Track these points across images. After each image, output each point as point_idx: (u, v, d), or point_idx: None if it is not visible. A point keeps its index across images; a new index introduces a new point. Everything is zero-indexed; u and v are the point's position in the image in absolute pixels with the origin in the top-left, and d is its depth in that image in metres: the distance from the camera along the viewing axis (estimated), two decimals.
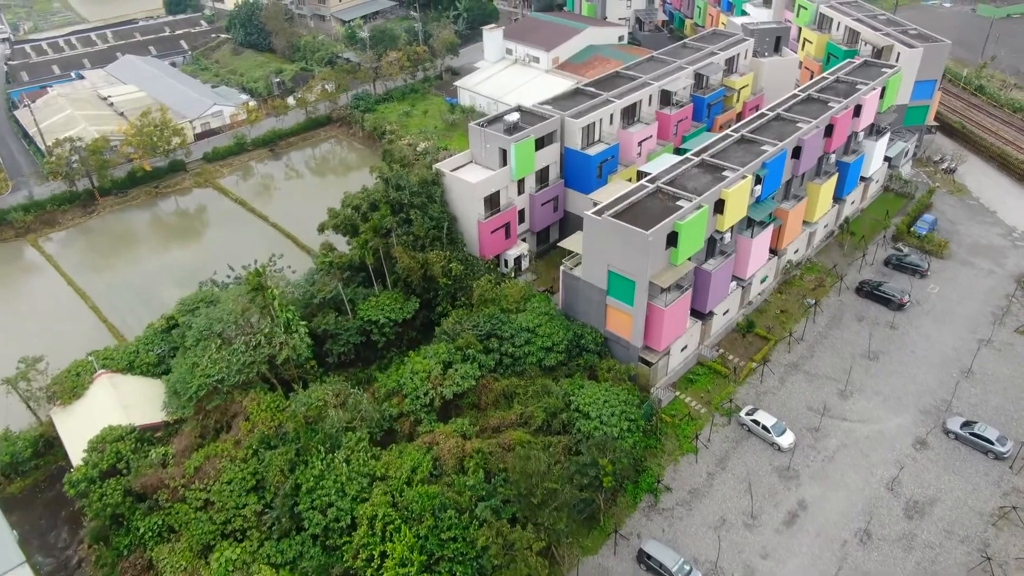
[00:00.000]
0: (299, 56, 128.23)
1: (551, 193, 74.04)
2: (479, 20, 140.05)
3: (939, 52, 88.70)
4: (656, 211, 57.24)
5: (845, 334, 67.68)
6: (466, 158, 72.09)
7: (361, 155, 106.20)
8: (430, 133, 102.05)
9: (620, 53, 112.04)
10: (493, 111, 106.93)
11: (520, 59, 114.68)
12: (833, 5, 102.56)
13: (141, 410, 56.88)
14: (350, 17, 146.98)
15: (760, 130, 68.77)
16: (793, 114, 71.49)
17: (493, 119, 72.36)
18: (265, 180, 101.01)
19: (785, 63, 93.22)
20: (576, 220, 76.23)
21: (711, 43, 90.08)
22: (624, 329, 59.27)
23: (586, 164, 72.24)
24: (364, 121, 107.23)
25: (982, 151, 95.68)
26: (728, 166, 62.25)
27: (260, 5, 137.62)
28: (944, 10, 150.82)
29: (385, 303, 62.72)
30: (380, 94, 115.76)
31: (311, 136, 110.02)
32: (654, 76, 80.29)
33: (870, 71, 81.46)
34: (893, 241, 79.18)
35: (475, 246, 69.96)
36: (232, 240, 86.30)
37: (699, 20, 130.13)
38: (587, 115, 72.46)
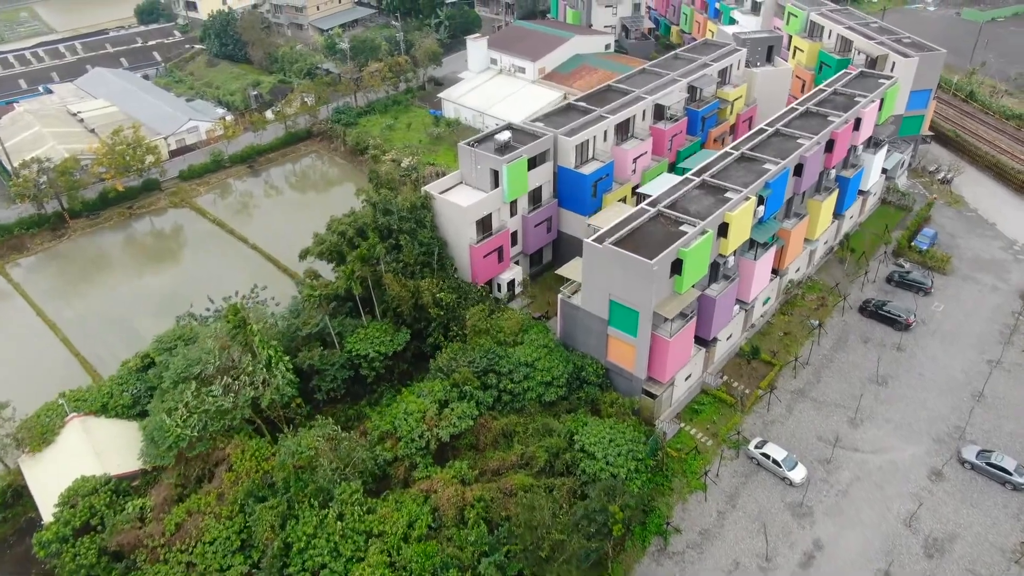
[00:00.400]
0: (277, 67, 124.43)
1: (544, 214, 71.29)
2: (461, 28, 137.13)
3: (934, 61, 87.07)
4: (659, 237, 54.70)
5: (851, 357, 65.56)
6: (455, 179, 69.16)
7: (343, 170, 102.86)
8: (415, 148, 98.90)
9: (607, 62, 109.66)
10: (479, 124, 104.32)
11: (505, 69, 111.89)
12: (824, 13, 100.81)
13: (116, 457, 53.36)
14: (328, 26, 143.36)
15: (760, 147, 66.50)
16: (793, 129, 69.31)
17: (483, 138, 69.49)
18: (244, 198, 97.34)
19: (778, 73, 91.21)
20: (570, 241, 73.77)
21: (703, 54, 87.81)
22: (627, 360, 56.66)
23: (580, 183, 69.57)
24: (346, 136, 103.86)
25: (976, 160, 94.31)
26: (730, 187, 59.87)
27: (236, 15, 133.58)
28: (929, 14, 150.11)
29: (374, 335, 59.61)
30: (361, 106, 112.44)
31: (291, 151, 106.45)
32: (647, 90, 77.81)
33: (867, 82, 79.59)
34: (894, 257, 77.30)
35: (467, 271, 67.06)
36: (210, 264, 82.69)
37: (686, 27, 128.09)
38: (580, 133, 69.79)
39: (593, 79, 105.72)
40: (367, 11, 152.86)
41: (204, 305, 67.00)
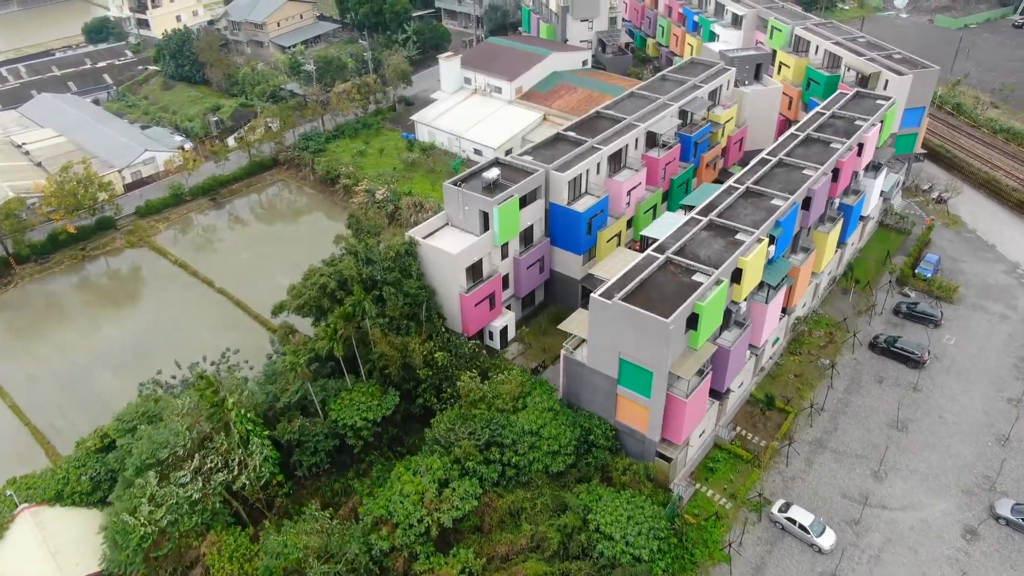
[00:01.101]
0: (237, 89, 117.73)
1: (537, 254, 66.62)
2: (430, 43, 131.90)
3: (928, 78, 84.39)
4: (670, 289, 50.38)
5: (867, 400, 62.05)
6: (441, 220, 64.13)
7: (313, 200, 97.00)
8: (389, 176, 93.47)
9: (586, 80, 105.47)
10: (455, 148, 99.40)
11: (480, 89, 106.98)
12: (808, 27, 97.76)
13: (74, 555, 47.41)
14: (290, 43, 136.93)
15: (765, 180, 62.67)
16: (796, 159, 65.65)
17: (469, 175, 64.58)
18: (208, 235, 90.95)
19: (768, 92, 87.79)
20: (563, 280, 69.36)
21: (691, 74, 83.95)
22: (639, 421, 52.24)
23: (575, 221, 65.05)
24: (315, 164, 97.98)
25: (969, 177, 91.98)
26: (740, 228, 55.83)
27: (192, 34, 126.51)
28: (902, 21, 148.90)
29: (360, 400, 54.32)
30: (329, 131, 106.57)
31: (256, 181, 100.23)
32: (638, 116, 73.59)
33: (865, 103, 76.43)
34: (899, 286, 74.20)
35: (457, 321, 62.11)
36: (174, 312, 76.44)
37: (663, 40, 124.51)
38: (573, 167, 65.26)
39: (573, 98, 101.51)
40: (330, 26, 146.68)
41: (169, 367, 61.17)
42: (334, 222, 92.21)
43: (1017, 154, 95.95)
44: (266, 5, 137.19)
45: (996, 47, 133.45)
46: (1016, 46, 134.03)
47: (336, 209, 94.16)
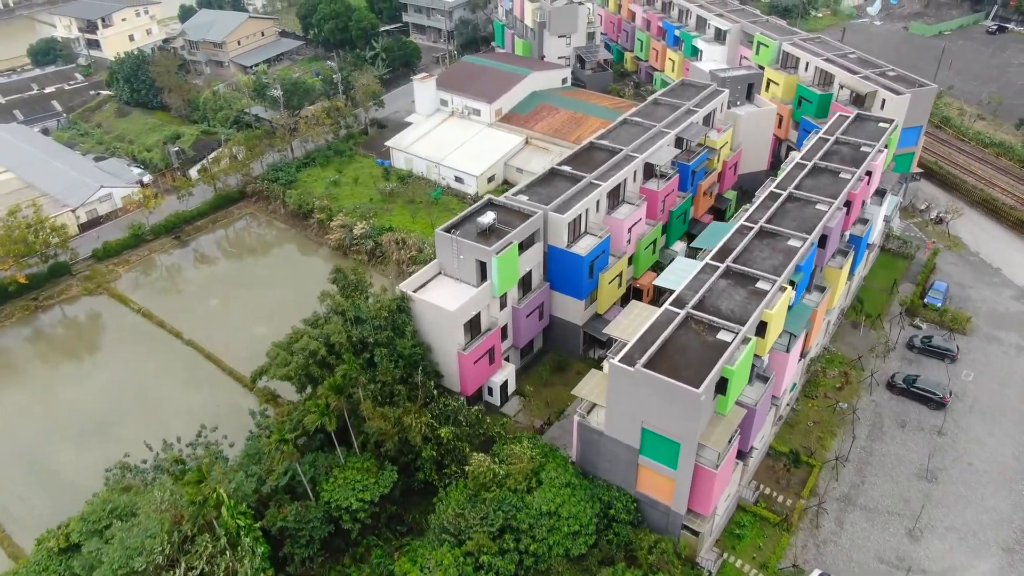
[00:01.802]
0: (199, 115, 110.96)
1: (536, 301, 62.08)
2: (400, 60, 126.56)
3: (926, 97, 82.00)
4: (694, 349, 46.21)
5: (891, 447, 58.70)
6: (433, 269, 59.18)
7: (285, 236, 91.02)
8: (366, 209, 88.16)
9: (567, 100, 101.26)
10: (433, 175, 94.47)
11: (458, 111, 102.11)
12: (796, 43, 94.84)
13: None
14: (252, 62, 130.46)
15: (777, 217, 58.94)
16: (806, 191, 62.10)
17: (462, 220, 59.75)
18: (173, 278, 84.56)
19: (763, 114, 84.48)
20: (563, 326, 64.97)
21: (683, 97, 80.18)
22: (663, 493, 48.00)
23: (576, 265, 60.68)
24: (286, 196, 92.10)
25: (965, 195, 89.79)
26: (760, 275, 51.92)
27: (147, 55, 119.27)
28: (876, 29, 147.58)
29: (355, 477, 49.19)
30: (299, 158, 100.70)
31: (223, 216, 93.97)
32: (635, 147, 69.52)
33: (866, 126, 73.39)
34: (909, 317, 71.24)
35: (455, 379, 57.29)
36: (139, 370, 70.21)
37: (641, 54, 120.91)
38: (572, 207, 60.86)
39: (555, 120, 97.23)
40: (293, 43, 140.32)
41: (137, 435, 55.55)
42: (308, 257, 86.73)
43: (1010, 169, 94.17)
44: (225, 23, 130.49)
45: (973, 55, 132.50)
46: (992, 54, 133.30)
47: (310, 244, 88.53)
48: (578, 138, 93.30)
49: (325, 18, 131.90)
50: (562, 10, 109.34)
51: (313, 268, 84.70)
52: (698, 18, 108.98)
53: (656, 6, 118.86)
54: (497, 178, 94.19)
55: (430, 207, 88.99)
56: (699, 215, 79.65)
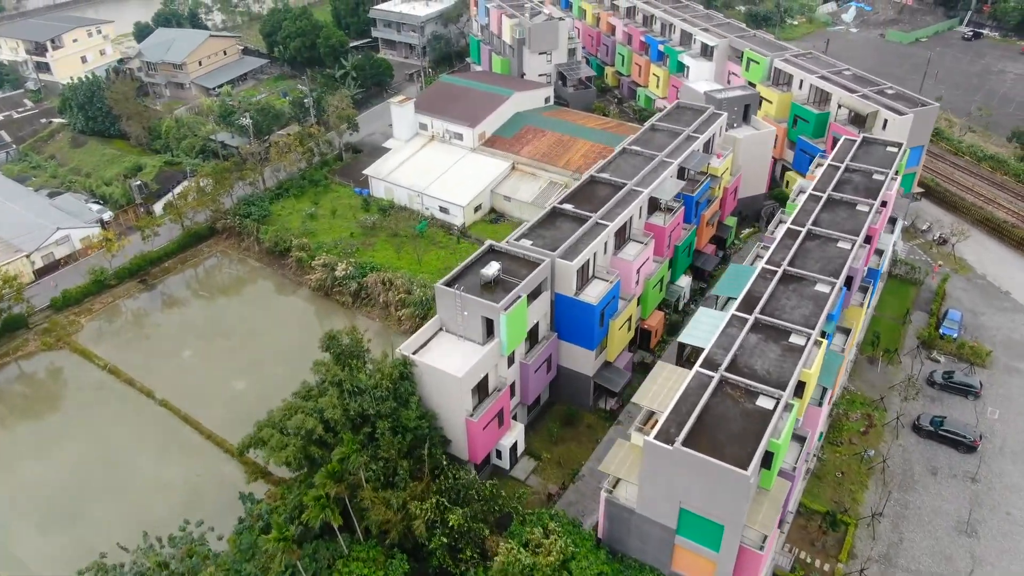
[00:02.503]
0: (161, 144, 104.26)
1: (544, 354, 57.64)
2: (371, 78, 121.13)
3: (928, 116, 79.53)
4: (734, 420, 42.25)
5: (926, 499, 55.48)
6: (434, 326, 54.37)
7: (261, 276, 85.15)
8: (347, 244, 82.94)
9: (552, 121, 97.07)
10: (416, 205, 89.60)
11: (438, 135, 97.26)
12: (788, 59, 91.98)
13: None
14: (215, 83, 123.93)
15: (799, 258, 55.38)
16: (825, 228, 58.68)
17: (464, 270, 55.04)
18: (140, 327, 78.30)
19: (762, 137, 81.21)
20: (572, 376, 60.63)
21: (680, 122, 76.49)
22: (703, 575, 43.94)
23: (587, 315, 56.41)
24: (260, 233, 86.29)
25: (964, 213, 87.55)
26: (792, 327, 48.24)
27: (102, 80, 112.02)
28: (853, 36, 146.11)
29: (361, 572, 44.34)
30: (271, 188, 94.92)
31: (192, 255, 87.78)
32: (639, 180, 65.50)
33: (874, 151, 70.56)
34: (926, 350, 68.37)
35: (462, 446, 52.60)
36: (108, 437, 64.21)
37: (623, 69, 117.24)
38: (580, 252, 56.57)
39: (542, 143, 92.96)
40: (258, 61, 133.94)
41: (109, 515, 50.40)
42: (287, 299, 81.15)
43: (1007, 185, 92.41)
44: (184, 43, 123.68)
45: (952, 63, 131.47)
46: (970, 61, 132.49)
47: (288, 284, 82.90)
48: (567, 162, 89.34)
49: (291, 36, 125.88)
50: (542, 26, 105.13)
51: (293, 311, 79.31)
52: (683, 33, 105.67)
53: (637, 19, 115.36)
54: (484, 207, 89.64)
55: (415, 241, 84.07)
56: (702, 246, 76.08)
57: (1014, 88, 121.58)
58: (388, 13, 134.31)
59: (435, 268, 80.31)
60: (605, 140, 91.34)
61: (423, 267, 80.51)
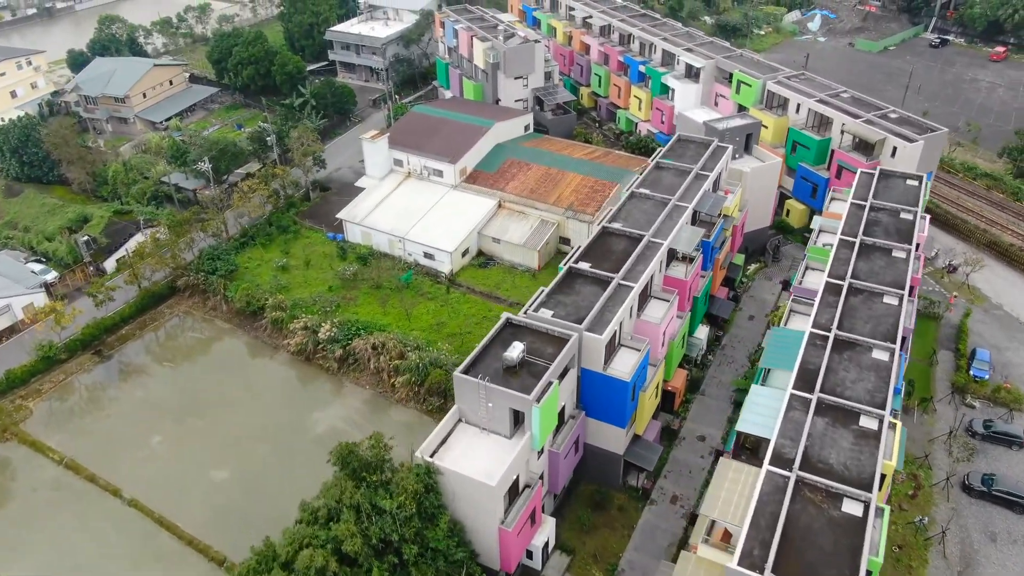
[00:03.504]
0: (107, 190, 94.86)
1: (572, 437, 51.76)
2: (333, 107, 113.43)
3: (936, 142, 76.30)
4: (821, 533, 37.05)
5: (988, 570, 51.37)
6: (452, 418, 47.96)
7: (232, 340, 77.02)
8: (326, 301, 75.72)
9: (536, 152, 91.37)
10: (397, 251, 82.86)
11: (415, 172, 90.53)
12: (781, 81, 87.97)
13: None
14: (162, 116, 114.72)
15: (848, 317, 50.69)
16: (864, 279, 54.21)
17: (483, 351, 48.72)
18: (99, 409, 69.70)
19: (768, 168, 76.79)
20: (599, 455, 54.91)
21: (684, 157, 71.55)
22: None
23: (619, 392, 50.76)
24: (227, 290, 78.30)
25: (968, 236, 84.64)
26: (860, 408, 43.42)
27: (37, 120, 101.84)
28: (822, 46, 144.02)
29: None
30: (234, 236, 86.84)
31: (152, 319, 79.19)
32: (655, 231, 60.09)
33: (894, 184, 66.80)
34: (960, 396, 64.64)
35: (492, 555, 46.35)
36: (71, 550, 55.87)
37: (600, 90, 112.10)
38: (608, 322, 50.85)
39: (529, 178, 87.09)
40: (207, 90, 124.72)
41: None
42: (264, 365, 73.56)
43: (1006, 204, 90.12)
44: (126, 74, 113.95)
45: (924, 72, 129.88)
46: (941, 69, 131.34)
47: (263, 348, 75.18)
48: (558, 199, 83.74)
49: (243, 63, 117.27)
50: (518, 50, 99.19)
51: (272, 379, 71.75)
52: (664, 52, 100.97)
53: (613, 38, 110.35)
54: (471, 250, 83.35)
55: (401, 292, 77.33)
56: (715, 290, 71.26)
57: (990, 98, 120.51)
58: (346, 35, 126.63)
59: (426, 323, 73.90)
60: (596, 172, 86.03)
61: (413, 322, 73.94)
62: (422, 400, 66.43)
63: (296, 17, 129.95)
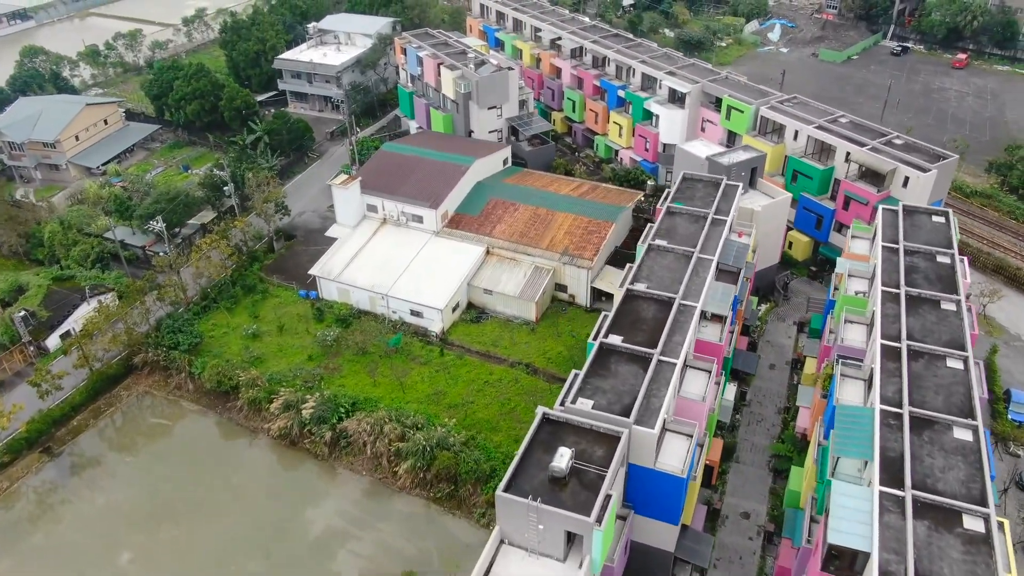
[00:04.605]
0: (44, 253, 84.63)
1: (624, 542, 45.67)
2: (290, 143, 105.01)
3: (948, 170, 73.16)
4: None
5: None
6: (495, 543, 41.24)
7: (201, 424, 68.59)
8: (308, 375, 68.03)
9: (520, 190, 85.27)
10: (380, 308, 75.63)
11: (392, 218, 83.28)
12: (775, 106, 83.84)
13: None
14: (99, 161, 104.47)
15: (916, 389, 45.92)
16: (920, 339, 49.67)
17: (522, 459, 42.20)
18: (52, 516, 60.61)
19: (779, 205, 72.24)
20: (646, 552, 48.89)
21: (694, 199, 66.18)
22: None
23: (672, 487, 45.00)
24: (194, 368, 69.75)
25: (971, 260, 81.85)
26: (961, 507, 38.46)
27: None
28: (786, 57, 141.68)
29: None
30: (194, 300, 78.17)
31: (107, 404, 70.04)
32: (685, 291, 54.48)
33: (919, 221, 62.69)
34: (1004, 444, 61.08)
35: None
36: None
37: (575, 115, 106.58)
38: (657, 411, 44.99)
39: (517, 220, 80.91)
40: (146, 127, 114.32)
41: None
42: (242, 453, 65.68)
43: (1004, 224, 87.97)
44: (55, 115, 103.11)
45: (892, 82, 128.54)
46: (907, 79, 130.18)
47: (240, 432, 67.02)
48: (551, 243, 77.79)
49: (186, 98, 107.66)
50: (491, 79, 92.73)
51: (254, 470, 63.87)
52: (644, 76, 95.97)
53: (586, 61, 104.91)
54: (461, 304, 76.67)
55: (391, 358, 70.17)
56: (737, 343, 66.27)
57: (961, 108, 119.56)
58: (297, 63, 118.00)
59: (422, 393, 67.00)
60: (587, 211, 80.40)
61: (408, 393, 66.90)
62: (429, 486, 59.64)
63: (240, 45, 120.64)
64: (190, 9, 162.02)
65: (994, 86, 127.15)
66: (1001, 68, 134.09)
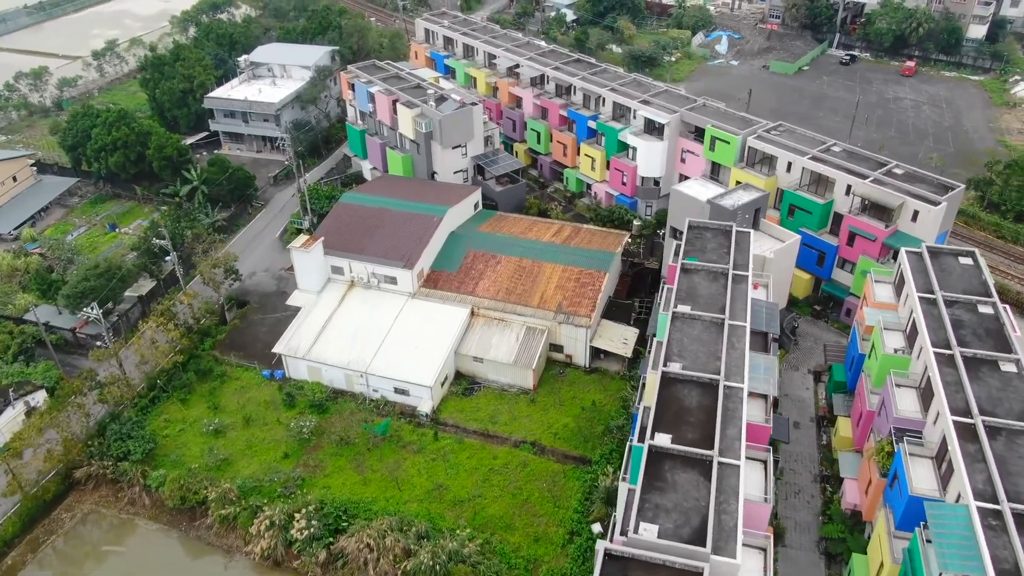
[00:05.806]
0: None
1: None
2: (231, 193, 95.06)
3: (955, 201, 69.77)
4: None
5: None
6: None
7: (164, 546, 58.82)
8: (287, 477, 59.35)
9: (498, 239, 78.35)
10: (358, 386, 67.47)
11: (360, 280, 74.96)
12: (763, 136, 79.32)
13: None
14: (11, 226, 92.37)
15: (1006, 474, 41.13)
16: (990, 410, 45.15)
17: None
18: None
19: (789, 248, 67.52)
20: None
21: (707, 252, 60.34)
22: None
23: None
24: (151, 481, 59.96)
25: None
26: None
27: None
28: (737, 70, 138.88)
29: None
30: (140, 392, 68.20)
31: (46, 531, 59.39)
32: (728, 369, 48.56)
33: (946, 264, 58.67)
34: None
35: None
36: None
37: (540, 147, 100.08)
38: (734, 532, 38.75)
39: (500, 275, 73.98)
40: (63, 182, 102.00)
41: None
42: (209, 564, 56.18)
43: (992, 244, 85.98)
44: None
45: (845, 93, 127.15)
46: (862, 89, 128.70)
47: (213, 554, 57.66)
48: (542, 299, 71.19)
49: (107, 148, 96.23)
50: (454, 117, 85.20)
51: None
52: (616, 105, 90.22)
53: (548, 89, 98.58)
54: (449, 376, 69.14)
55: (380, 447, 62.12)
56: None
57: (919, 118, 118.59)
58: (231, 101, 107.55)
59: (421, 490, 59.26)
60: (576, 260, 74.04)
61: (405, 491, 58.98)
62: None
63: (164, 83, 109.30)
64: (98, 40, 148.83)
65: (945, 93, 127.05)
66: (948, 74, 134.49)
